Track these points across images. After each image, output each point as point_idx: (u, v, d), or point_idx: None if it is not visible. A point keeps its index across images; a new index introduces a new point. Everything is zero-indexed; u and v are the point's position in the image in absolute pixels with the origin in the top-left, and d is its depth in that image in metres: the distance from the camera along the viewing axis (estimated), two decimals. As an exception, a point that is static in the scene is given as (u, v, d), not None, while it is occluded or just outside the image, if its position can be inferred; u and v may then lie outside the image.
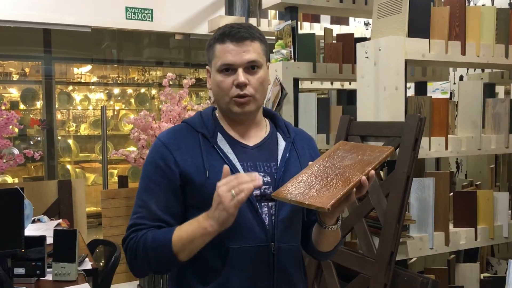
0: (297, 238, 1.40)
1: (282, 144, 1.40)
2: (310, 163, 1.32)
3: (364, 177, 1.20)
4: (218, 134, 1.35)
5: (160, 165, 1.30)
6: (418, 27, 2.31)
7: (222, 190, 1.14)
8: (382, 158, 1.26)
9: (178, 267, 1.29)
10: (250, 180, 1.14)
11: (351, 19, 4.67)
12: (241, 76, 1.29)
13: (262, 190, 1.31)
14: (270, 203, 1.31)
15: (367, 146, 1.34)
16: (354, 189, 1.21)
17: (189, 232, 1.22)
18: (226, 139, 1.35)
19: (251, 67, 1.31)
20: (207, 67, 1.40)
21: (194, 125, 1.36)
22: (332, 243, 1.41)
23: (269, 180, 1.33)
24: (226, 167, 1.19)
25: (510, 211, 2.62)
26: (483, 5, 3.62)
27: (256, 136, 1.39)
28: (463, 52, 2.43)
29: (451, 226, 2.44)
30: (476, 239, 2.46)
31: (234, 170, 1.28)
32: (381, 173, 2.40)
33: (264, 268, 1.30)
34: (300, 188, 1.23)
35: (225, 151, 1.32)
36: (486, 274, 2.74)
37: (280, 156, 1.37)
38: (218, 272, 1.28)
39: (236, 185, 1.14)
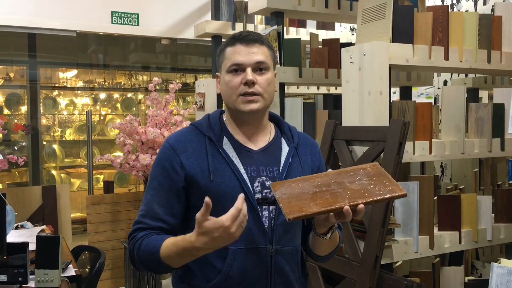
0: (296, 241, 1.44)
1: (285, 149, 1.44)
2: (329, 170, 1.34)
3: (347, 207, 1.19)
4: (224, 137, 1.40)
5: (165, 166, 1.37)
6: (402, 32, 2.34)
7: (235, 226, 1.16)
8: (386, 197, 1.22)
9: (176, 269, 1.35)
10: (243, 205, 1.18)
11: (337, 24, 4.70)
12: (249, 74, 1.35)
13: (263, 194, 1.36)
14: (270, 207, 1.36)
15: (389, 179, 1.27)
16: (332, 213, 1.21)
17: (178, 252, 1.26)
18: (231, 143, 1.40)
19: (259, 68, 1.37)
20: (217, 73, 1.45)
21: (201, 128, 1.42)
22: (326, 249, 1.45)
23: None
24: (241, 196, 1.19)
25: (493, 214, 2.64)
26: (466, 11, 3.67)
27: (261, 140, 1.43)
28: (446, 57, 2.46)
29: (435, 229, 2.46)
30: (460, 242, 2.48)
31: (237, 174, 1.34)
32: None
33: (262, 269, 1.35)
34: (293, 189, 1.26)
35: (230, 155, 1.37)
36: (470, 277, 2.77)
37: (282, 161, 1.41)
38: (218, 271, 1.33)
39: (243, 218, 1.17)
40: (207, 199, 1.15)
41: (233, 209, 1.17)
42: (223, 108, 1.50)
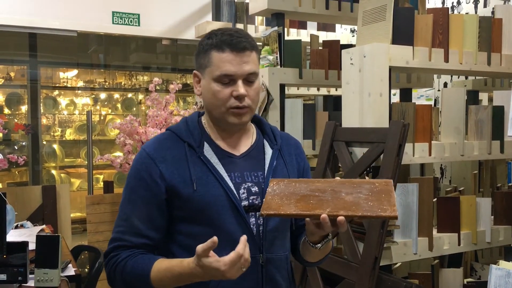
0: (286, 247, 1.39)
1: (269, 152, 1.38)
2: (337, 178, 1.29)
3: (324, 216, 1.12)
4: (205, 143, 1.32)
5: (144, 177, 1.28)
6: (402, 34, 2.34)
7: (234, 270, 1.12)
8: (371, 215, 1.14)
9: None
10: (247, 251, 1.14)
11: (337, 26, 4.71)
12: (241, 88, 1.26)
13: (250, 201, 1.30)
14: (258, 213, 1.30)
15: (388, 198, 1.19)
16: (309, 220, 1.18)
17: (174, 278, 1.20)
18: (212, 149, 1.32)
19: (249, 78, 1.28)
20: (195, 71, 1.35)
21: (180, 134, 1.33)
22: (317, 255, 1.39)
23: (257, 190, 1.31)
24: (244, 238, 1.14)
25: (492, 216, 2.65)
26: (466, 13, 3.67)
27: (243, 144, 1.37)
28: (446, 60, 2.46)
29: (434, 231, 2.46)
30: (459, 244, 2.48)
31: (221, 181, 1.27)
32: (367, 178, 2.42)
33: (252, 280, 1.29)
34: (286, 188, 1.22)
35: (212, 162, 1.30)
36: (469, 279, 2.77)
37: (267, 165, 1.35)
38: (206, 285, 1.26)
39: (243, 262, 1.13)
40: (214, 238, 1.09)
41: (233, 254, 1.11)
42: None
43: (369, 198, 1.18)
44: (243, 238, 1.13)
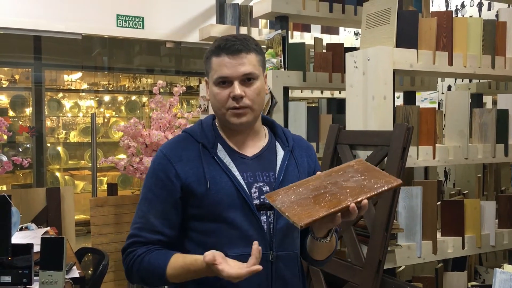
0: (295, 245, 1.43)
1: (280, 153, 1.43)
2: (318, 173, 1.33)
3: (353, 205, 1.18)
4: (218, 144, 1.38)
5: (160, 177, 1.34)
6: (406, 37, 2.35)
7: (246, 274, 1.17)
8: (384, 189, 1.22)
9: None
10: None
11: (341, 29, 4.71)
12: (237, 89, 1.32)
13: (261, 200, 1.34)
14: (268, 212, 1.35)
15: (379, 172, 1.29)
16: (339, 213, 1.21)
17: (190, 274, 1.27)
18: (226, 149, 1.38)
19: (247, 79, 1.33)
20: (205, 78, 1.43)
21: (195, 135, 1.39)
22: (324, 253, 1.43)
23: (268, 190, 1.36)
24: (257, 247, 1.18)
25: (496, 220, 2.64)
26: (470, 16, 3.67)
27: (254, 146, 1.42)
28: (450, 63, 2.46)
29: (438, 234, 2.46)
30: (463, 247, 2.48)
31: (234, 181, 1.32)
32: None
33: (262, 276, 1.32)
34: (290, 197, 1.24)
35: (225, 162, 1.35)
36: (473, 283, 2.76)
37: (278, 166, 1.40)
38: (217, 279, 1.29)
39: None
40: (257, 246, 1.17)
41: (253, 268, 1.16)
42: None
43: (366, 178, 1.26)
44: (256, 246, 1.18)
